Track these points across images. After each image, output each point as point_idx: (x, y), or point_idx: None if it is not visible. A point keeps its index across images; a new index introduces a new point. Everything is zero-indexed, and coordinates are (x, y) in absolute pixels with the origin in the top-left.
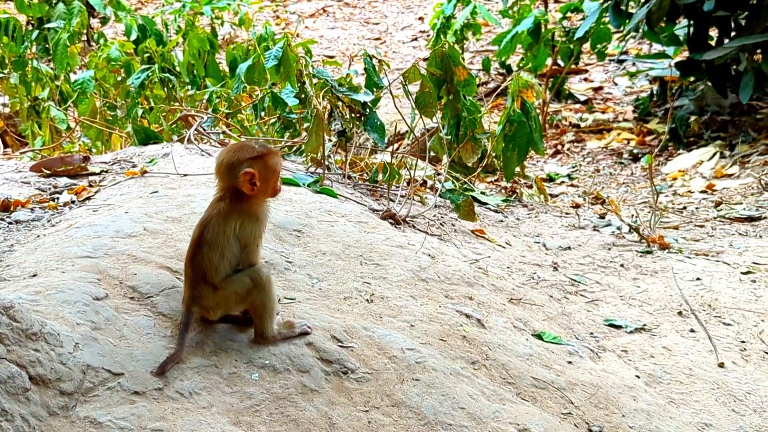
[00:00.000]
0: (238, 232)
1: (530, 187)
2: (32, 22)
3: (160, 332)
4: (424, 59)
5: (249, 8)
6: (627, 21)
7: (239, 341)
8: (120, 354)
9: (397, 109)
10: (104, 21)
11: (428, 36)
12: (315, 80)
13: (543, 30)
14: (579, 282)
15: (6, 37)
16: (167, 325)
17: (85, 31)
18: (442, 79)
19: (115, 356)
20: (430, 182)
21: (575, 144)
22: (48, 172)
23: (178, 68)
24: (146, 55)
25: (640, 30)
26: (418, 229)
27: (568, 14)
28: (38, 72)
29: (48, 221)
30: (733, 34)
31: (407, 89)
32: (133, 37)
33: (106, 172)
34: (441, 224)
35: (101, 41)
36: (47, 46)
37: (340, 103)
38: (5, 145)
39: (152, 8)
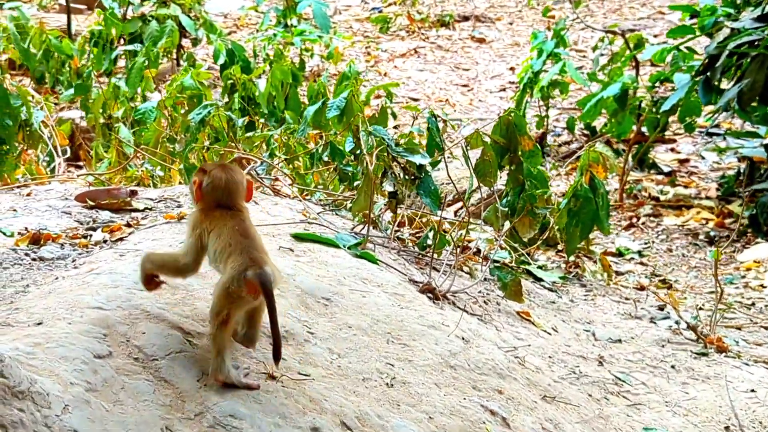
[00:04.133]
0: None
1: (595, 262)
2: (125, 36)
3: (159, 400)
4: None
5: (340, 43)
6: (717, 97)
7: (241, 416)
8: (111, 421)
9: (449, 176)
10: (195, 42)
11: (517, 88)
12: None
13: (630, 97)
14: (623, 381)
15: (96, 49)
16: (167, 393)
17: (174, 51)
18: (506, 147)
19: (105, 423)
20: (484, 251)
21: (651, 218)
22: (92, 203)
23: (258, 98)
24: (230, 81)
25: (731, 108)
26: (458, 307)
27: (657, 84)
28: (117, 90)
29: (73, 261)
30: None
31: (467, 155)
32: (221, 61)
33: (150, 209)
34: (485, 302)
35: (188, 63)
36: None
37: (395, 163)
38: (78, 159)
39: (247, 32)
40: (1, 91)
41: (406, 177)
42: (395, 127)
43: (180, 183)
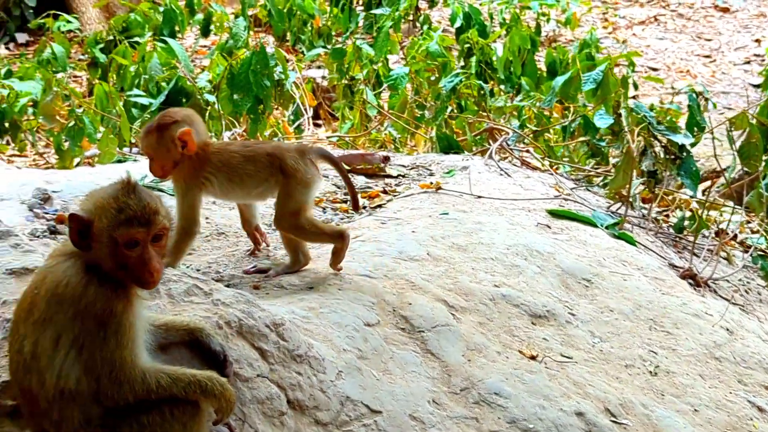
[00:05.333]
0: None
1: None
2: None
3: (426, 372)
4: (756, 86)
5: (578, 8)
6: None
7: (506, 394)
8: (381, 390)
9: (716, 157)
10: (432, 4)
11: (762, 61)
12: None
13: None
14: None
15: (336, 9)
16: (434, 366)
17: (411, 12)
18: None
19: (375, 391)
20: (741, 236)
21: None
22: (348, 167)
23: (495, 63)
24: (466, 45)
25: None
26: (720, 295)
27: None
28: (359, 51)
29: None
30: None
31: (731, 137)
32: (457, 24)
33: (403, 176)
34: (746, 291)
35: (425, 27)
36: (373, 22)
37: (655, 141)
38: (317, 118)
39: None
40: (262, 52)
41: (667, 156)
42: (633, 98)
43: (429, 150)
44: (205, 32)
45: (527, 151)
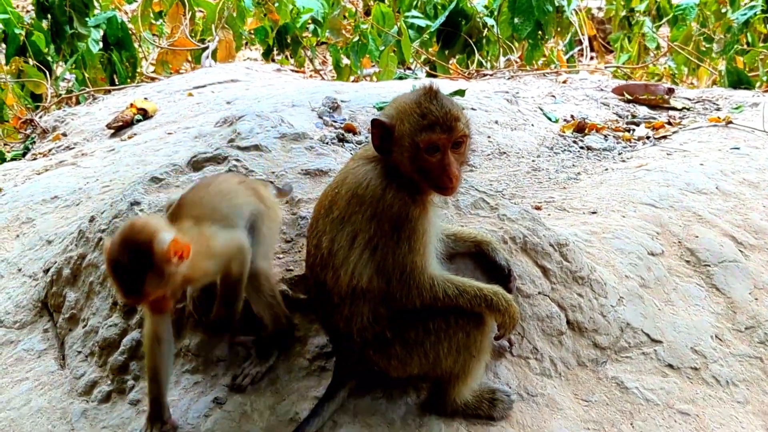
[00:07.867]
0: None
1: None
2: None
3: (710, 307)
4: None
5: None
6: None
7: None
8: (662, 320)
9: None
10: None
11: None
12: None
13: None
14: None
15: None
16: (718, 301)
17: None
18: None
19: (656, 321)
20: None
21: None
22: (629, 97)
23: None
24: None
25: None
26: None
27: None
28: None
29: (619, 154)
30: None
31: None
32: None
33: (688, 109)
34: None
35: None
36: None
37: None
38: (591, 50)
39: None
40: None
41: None
42: None
43: (710, 85)
44: None
45: None
